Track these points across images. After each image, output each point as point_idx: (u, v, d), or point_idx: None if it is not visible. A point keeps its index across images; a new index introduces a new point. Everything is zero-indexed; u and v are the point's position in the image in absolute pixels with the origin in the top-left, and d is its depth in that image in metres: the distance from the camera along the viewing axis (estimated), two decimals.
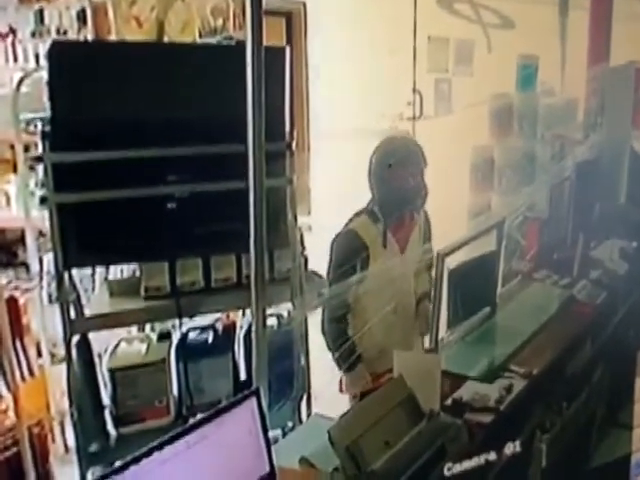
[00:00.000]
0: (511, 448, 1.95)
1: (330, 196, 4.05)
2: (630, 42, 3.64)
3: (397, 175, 2.65)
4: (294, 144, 2.65)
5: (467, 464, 1.87)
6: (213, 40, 3.60)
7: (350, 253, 2.61)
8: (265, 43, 1.87)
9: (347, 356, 2.61)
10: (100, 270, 2.69)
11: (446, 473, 1.84)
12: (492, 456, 1.91)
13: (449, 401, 2.12)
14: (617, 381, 2.86)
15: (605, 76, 3.68)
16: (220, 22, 3.73)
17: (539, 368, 2.37)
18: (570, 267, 3.09)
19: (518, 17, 4.46)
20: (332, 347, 2.63)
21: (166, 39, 3.43)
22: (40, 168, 2.44)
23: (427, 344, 2.47)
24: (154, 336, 2.60)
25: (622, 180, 3.52)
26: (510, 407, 2.16)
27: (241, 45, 1.88)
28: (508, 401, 2.17)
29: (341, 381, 2.68)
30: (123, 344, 2.54)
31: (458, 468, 1.86)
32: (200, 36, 3.62)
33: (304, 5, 5.04)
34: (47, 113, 2.30)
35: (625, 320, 2.95)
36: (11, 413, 2.59)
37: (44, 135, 2.30)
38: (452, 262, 2.48)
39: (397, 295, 2.73)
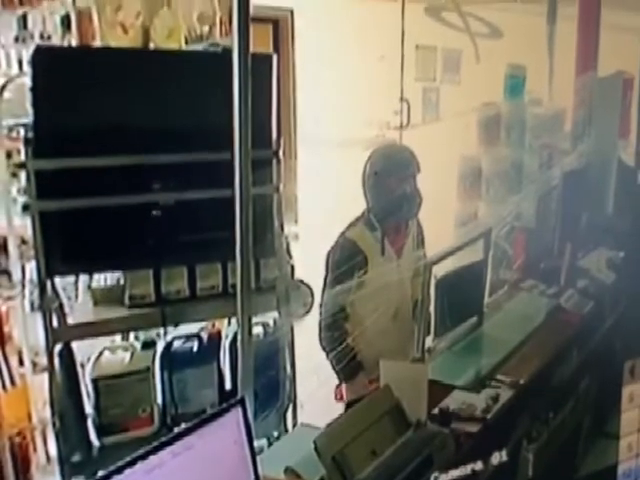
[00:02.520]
0: (498, 458, 1.96)
1: (317, 204, 4.06)
2: (618, 52, 3.69)
3: (391, 182, 2.70)
4: (281, 152, 2.66)
5: (454, 473, 1.88)
6: (199, 47, 3.60)
7: (349, 262, 2.65)
8: (252, 50, 1.88)
9: (348, 366, 2.63)
10: (83, 278, 2.67)
11: None
12: (479, 466, 1.92)
13: (436, 410, 2.14)
14: (604, 390, 2.88)
15: (593, 86, 3.72)
16: (206, 29, 3.73)
17: (526, 378, 2.39)
18: (557, 277, 3.11)
19: (506, 27, 4.51)
20: (332, 358, 2.64)
21: (152, 46, 3.42)
22: (23, 175, 2.43)
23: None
24: (138, 345, 2.59)
25: (609, 190, 3.56)
26: (497, 417, 2.18)
27: (228, 52, 1.89)
28: (495, 411, 2.20)
29: (339, 389, 2.70)
30: (106, 353, 2.53)
31: (445, 478, 1.86)
32: (186, 43, 3.61)
33: (291, 12, 5.07)
34: (30, 119, 2.30)
35: (612, 330, 2.98)
36: None
37: (27, 141, 2.29)
38: (439, 271, 2.50)
39: (395, 301, 2.77)
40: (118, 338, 2.73)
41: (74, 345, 2.47)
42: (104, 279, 2.72)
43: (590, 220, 3.45)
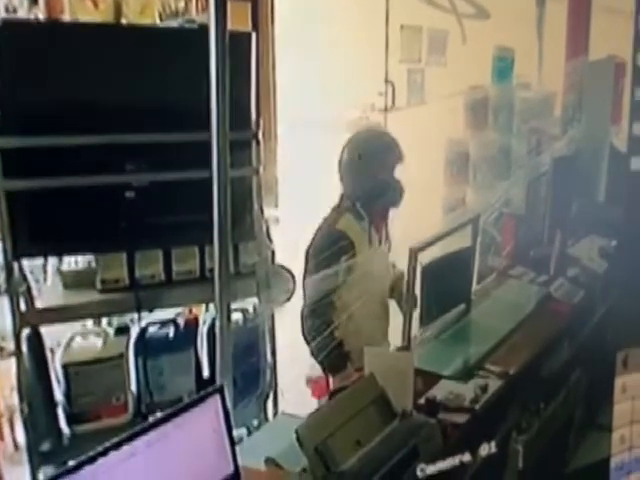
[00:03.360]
0: (486, 449, 1.94)
1: (298, 188, 4.04)
2: (609, 36, 3.69)
3: (375, 167, 2.68)
4: (260, 133, 2.64)
5: (441, 465, 1.86)
6: (174, 23, 3.56)
7: (338, 253, 2.62)
8: (230, 28, 1.86)
9: (335, 356, 2.60)
10: (53, 261, 2.64)
11: (419, 474, 1.82)
12: (467, 457, 1.90)
13: (422, 400, 2.12)
14: (596, 382, 2.89)
15: (584, 70, 3.73)
16: (182, 4, 3.69)
17: (515, 367, 2.38)
18: (547, 264, 3.12)
19: (493, 7, 4.50)
20: (315, 348, 2.61)
21: (124, 21, 3.37)
22: None
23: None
24: (111, 330, 2.56)
25: (601, 177, 3.57)
26: (485, 407, 2.17)
27: (204, 29, 1.87)
28: (483, 401, 2.18)
29: (316, 384, 2.69)
30: (78, 338, 2.49)
31: (431, 469, 1.84)
32: (160, 19, 3.57)
33: None
34: None
35: (604, 320, 2.98)
36: None
37: None
38: (425, 258, 2.49)
39: (381, 288, 2.77)
40: (90, 323, 2.70)
41: (44, 330, 2.44)
42: (75, 262, 2.70)
43: (581, 207, 3.46)
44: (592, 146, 3.55)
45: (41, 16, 3.60)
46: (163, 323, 2.58)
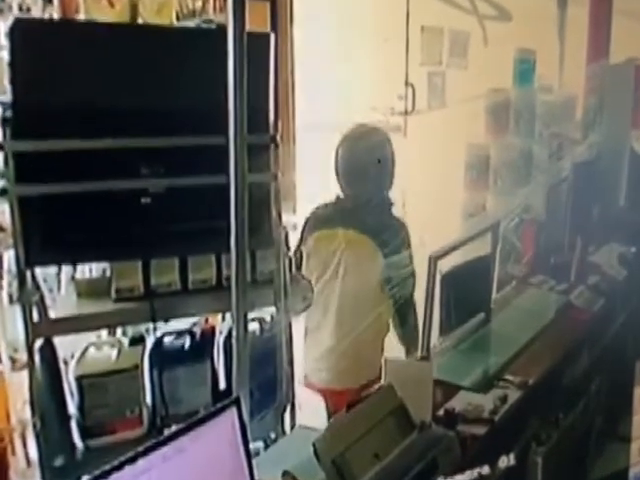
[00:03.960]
0: (505, 461, 1.94)
1: (317, 193, 4.04)
2: (630, 39, 3.68)
3: (391, 171, 2.70)
4: (279, 137, 2.62)
5: (459, 478, 1.86)
6: (191, 23, 3.58)
7: None
8: (248, 28, 1.86)
9: None
10: (67, 269, 2.64)
11: None
12: (485, 470, 1.90)
13: (441, 412, 2.13)
14: (615, 391, 2.89)
15: (604, 73, 3.72)
16: (199, 4, 3.71)
17: (535, 377, 2.39)
18: (567, 272, 3.12)
19: (515, 9, 4.50)
20: None
21: (140, 21, 3.38)
22: (0, 157, 2.39)
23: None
24: (126, 341, 2.54)
25: (621, 182, 3.57)
26: (505, 418, 2.18)
27: (222, 29, 1.87)
28: (503, 412, 2.19)
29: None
30: (92, 349, 2.47)
31: None
32: (177, 19, 3.59)
33: None
34: (8, 97, 2.23)
35: (624, 328, 2.98)
36: None
37: (4, 121, 2.22)
38: (445, 265, 2.48)
39: None
40: (104, 333, 2.68)
41: (56, 340, 2.42)
42: (89, 270, 2.70)
43: (601, 213, 3.46)
44: (612, 151, 3.56)
45: (56, 15, 3.63)
46: (179, 333, 2.57)
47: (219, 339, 2.59)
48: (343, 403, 1.96)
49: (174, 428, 1.61)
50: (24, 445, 3.00)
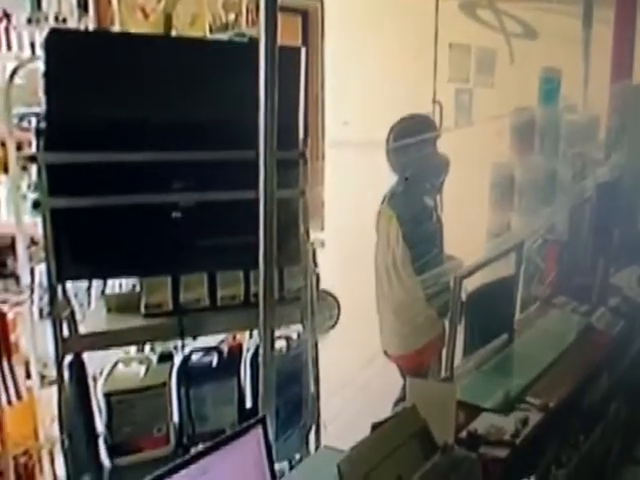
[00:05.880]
0: None
1: (344, 210, 4.08)
2: None
3: None
4: (308, 152, 2.66)
5: None
6: (224, 36, 3.63)
7: None
8: (280, 42, 1.90)
9: None
10: (97, 284, 2.69)
11: None
12: None
13: (464, 433, 2.15)
14: (632, 414, 2.89)
15: (627, 94, 3.74)
16: (232, 17, 3.76)
17: (556, 400, 2.41)
18: (589, 293, 3.15)
19: (541, 27, 4.54)
20: None
21: (174, 33, 3.45)
22: (33, 169, 2.43)
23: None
24: (154, 357, 2.58)
25: None
26: (526, 441, 2.20)
27: (254, 43, 1.91)
28: (524, 435, 2.21)
29: None
30: (120, 366, 2.52)
31: None
32: (210, 31, 3.64)
33: (322, 3, 5.07)
34: (42, 108, 2.27)
35: None
36: None
37: (39, 132, 2.26)
38: (469, 285, 2.51)
39: None
40: (133, 349, 2.74)
41: (85, 356, 2.45)
42: (119, 285, 2.75)
43: (623, 234, 3.48)
44: (635, 171, 3.56)
45: (91, 26, 3.72)
46: (207, 350, 2.60)
47: (246, 357, 2.62)
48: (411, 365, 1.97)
49: (200, 447, 1.64)
50: (52, 463, 3.06)
